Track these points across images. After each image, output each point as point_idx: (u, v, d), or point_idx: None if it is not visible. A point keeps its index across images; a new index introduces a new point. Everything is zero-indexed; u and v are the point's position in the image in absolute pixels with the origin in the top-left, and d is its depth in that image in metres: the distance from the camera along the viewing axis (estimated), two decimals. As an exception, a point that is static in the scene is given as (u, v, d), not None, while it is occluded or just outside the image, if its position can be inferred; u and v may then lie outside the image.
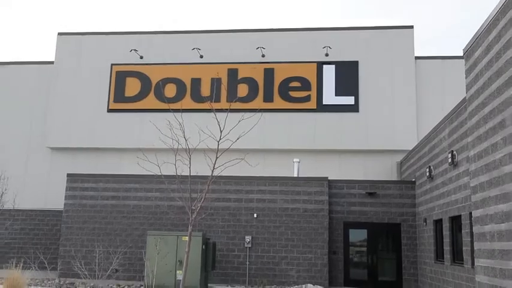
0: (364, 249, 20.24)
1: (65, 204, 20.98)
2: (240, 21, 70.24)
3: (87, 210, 20.76)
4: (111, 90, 26.10)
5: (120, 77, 26.25)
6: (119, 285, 17.74)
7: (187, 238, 10.63)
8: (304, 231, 19.46)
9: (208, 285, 18.12)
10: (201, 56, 25.85)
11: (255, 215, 19.76)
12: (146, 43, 26.45)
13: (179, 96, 25.27)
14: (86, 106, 25.95)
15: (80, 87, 26.25)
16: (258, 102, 24.66)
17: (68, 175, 21.45)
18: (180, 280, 10.50)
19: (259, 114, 15.60)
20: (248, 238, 19.56)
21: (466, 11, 63.13)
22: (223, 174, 12.45)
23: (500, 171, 10.02)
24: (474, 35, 11.62)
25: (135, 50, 26.02)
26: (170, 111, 12.13)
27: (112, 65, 26.37)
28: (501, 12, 10.07)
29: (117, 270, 17.66)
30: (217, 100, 23.65)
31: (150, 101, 25.63)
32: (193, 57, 25.91)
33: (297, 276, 19.15)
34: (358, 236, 20.23)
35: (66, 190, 21.17)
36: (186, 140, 10.68)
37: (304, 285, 18.28)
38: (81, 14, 69.22)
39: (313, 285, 18.52)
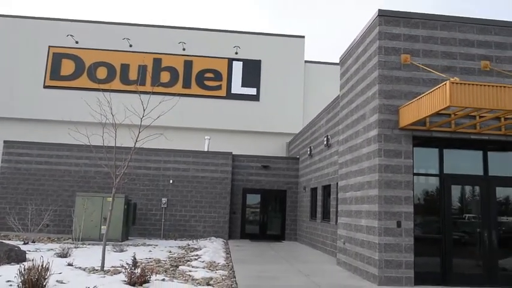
0: (258, 210, 20.84)
1: (1, 167, 19.39)
2: (166, 17, 67.98)
3: (22, 173, 19.34)
4: (48, 69, 24.39)
5: (56, 58, 24.53)
6: (49, 238, 16.82)
7: (111, 199, 10.33)
8: (211, 195, 19.66)
9: (129, 238, 17.80)
10: (130, 45, 24.82)
11: (171, 181, 19.60)
12: (82, 30, 24.80)
13: (109, 78, 24.16)
14: (24, 81, 24.06)
15: (19, 64, 24.23)
16: (178, 88, 24.32)
17: (5, 142, 19.82)
18: (104, 234, 10.21)
19: (178, 98, 15.32)
20: (164, 200, 19.37)
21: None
22: (145, 146, 12.25)
23: (359, 152, 10.76)
24: (348, 47, 12.23)
25: (71, 35, 24.39)
26: (100, 91, 11.57)
27: (49, 46, 24.54)
28: (367, 32, 10.70)
29: (48, 225, 16.71)
30: (143, 84, 22.94)
31: (83, 80, 24.23)
32: (123, 46, 24.81)
33: (203, 231, 19.36)
34: (253, 199, 20.78)
35: (2, 155, 19.58)
36: (113, 115, 10.32)
37: (209, 238, 18.53)
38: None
39: (216, 237, 18.85)
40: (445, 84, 7.67)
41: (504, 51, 10.14)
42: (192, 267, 10.87)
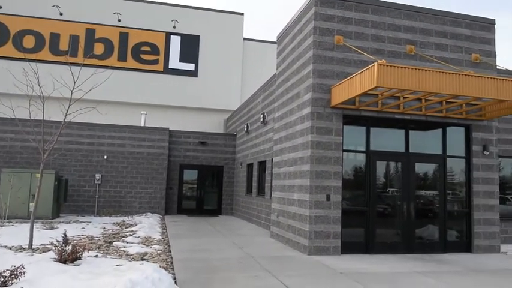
0: (195, 185, 20.78)
1: None
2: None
3: None
4: (-34, 35, 22.15)
5: (-24, 23, 22.33)
6: (-29, 216, 15.63)
7: (39, 175, 9.76)
8: (147, 171, 19.25)
9: (60, 215, 17.03)
10: (61, 14, 23.19)
11: (105, 157, 18.88)
12: (5, -6, 22.75)
13: (38, 48, 22.53)
14: None
15: None
16: (113, 60, 23.27)
17: None
18: (32, 211, 9.66)
19: (111, 71, 14.64)
20: (98, 176, 18.67)
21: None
22: (78, 120, 11.64)
23: (293, 129, 11.00)
24: (285, 26, 12.29)
25: (-7, -1, 22.29)
26: (27, 61, 10.75)
27: (-33, 10, 22.28)
28: (303, 12, 10.81)
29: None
30: (74, 55, 21.66)
31: (8, 49, 22.37)
32: (53, 14, 23.14)
33: (139, 207, 19.00)
34: (190, 175, 20.65)
35: None
36: (40, 87, 9.64)
37: (145, 214, 18.23)
38: None
39: (152, 213, 18.60)
40: (373, 66, 8.00)
41: (428, 37, 10.74)
42: (127, 243, 10.67)
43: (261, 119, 15.70)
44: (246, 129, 18.36)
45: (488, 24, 11.29)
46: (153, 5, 24.84)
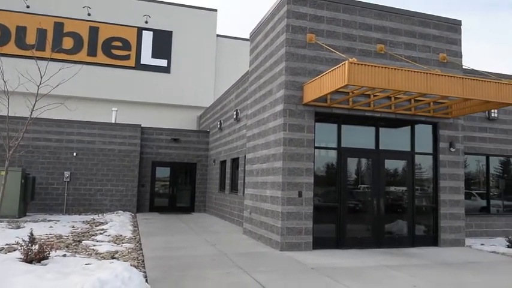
0: (167, 183, 20.56)
1: None
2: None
3: None
4: None
5: None
6: None
7: (4, 172, 9.43)
8: (118, 168, 18.91)
9: (28, 214, 16.50)
10: (28, 6, 22.42)
11: (75, 154, 18.42)
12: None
13: (3, 41, 21.72)
14: None
15: None
16: (82, 55, 22.74)
17: None
18: (-4, 209, 9.34)
19: (80, 65, 14.30)
20: (67, 173, 18.20)
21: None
22: (46, 116, 11.32)
23: (266, 126, 11.04)
24: (258, 24, 12.30)
25: (-46, -11, 21.33)
26: (-10, 55, 10.37)
27: None
28: (276, 9, 10.84)
29: None
30: (42, 49, 20.98)
31: (-30, 42, 21.48)
32: (19, 6, 22.34)
33: (110, 205, 18.65)
34: (163, 172, 20.42)
35: None
36: (5, 82, 9.30)
37: (116, 212, 17.92)
38: None
39: (124, 211, 18.30)
40: (344, 64, 8.11)
41: (397, 37, 10.96)
42: (97, 241, 10.47)
43: (234, 116, 15.67)
44: (219, 126, 18.30)
45: (455, 25, 11.63)
46: (125, -1, 24.39)
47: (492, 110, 13.40)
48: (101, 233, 11.80)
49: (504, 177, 14.10)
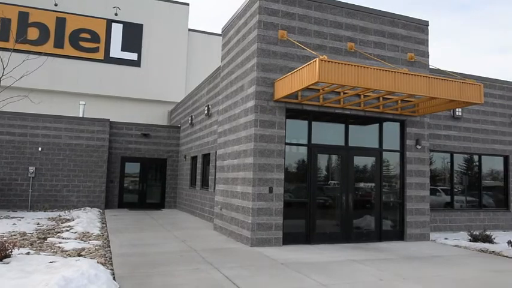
0: (137, 178, 20.24)
1: None
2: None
3: None
4: None
5: None
6: None
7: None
8: (86, 163, 18.47)
9: (-11, 210, 15.94)
10: (-10, -6, 21.50)
11: (40, 149, 17.86)
12: None
13: (-38, 30, 20.76)
14: None
15: None
16: (49, 47, 22.01)
17: None
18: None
19: (46, 57, 13.84)
20: (32, 169, 17.64)
21: (232, -1, 65.48)
22: (9, 110, 10.92)
23: (237, 122, 11.03)
24: (230, 19, 12.24)
25: None
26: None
27: None
28: (248, 5, 10.82)
29: None
30: (6, 40, 20.24)
31: None
32: (-20, -6, 21.40)
33: (77, 201, 18.21)
34: (132, 168, 20.09)
35: None
36: (-37, 73, 8.91)
37: (83, 208, 17.52)
38: None
39: (92, 207, 17.92)
40: (315, 61, 8.19)
41: (367, 36, 11.15)
42: (63, 238, 10.21)
43: (206, 112, 15.57)
44: (190, 121, 18.14)
45: (422, 26, 11.93)
46: (93, -10, 23.76)
47: (457, 109, 13.85)
48: (67, 230, 11.51)
49: (467, 174, 14.63)
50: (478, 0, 71.58)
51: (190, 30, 25.69)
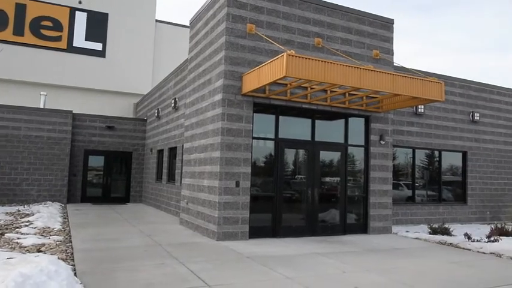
0: (101, 172, 19.76)
1: None
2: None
3: None
4: None
5: None
6: None
7: None
8: (47, 156, 17.86)
9: None
10: None
11: (-3, 140, 17.14)
12: None
13: None
14: None
15: None
16: (7, 34, 21.09)
17: None
18: None
19: (3, 45, 13.24)
20: (-12, 161, 16.91)
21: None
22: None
23: (204, 116, 10.95)
24: (198, 10, 12.09)
25: None
26: None
27: None
28: (216, -4, 10.67)
29: None
30: (-40, 25, 19.24)
31: None
32: None
33: (38, 195, 17.60)
34: (96, 161, 19.58)
35: None
36: None
37: (44, 203, 16.96)
38: None
39: (53, 202, 17.37)
40: (283, 56, 8.22)
41: (334, 32, 11.29)
42: (22, 234, 9.86)
43: (173, 105, 15.37)
44: (156, 114, 17.86)
45: (388, 24, 12.19)
46: (56, -24, 22.90)
47: (419, 106, 14.28)
48: (26, 225, 11.13)
49: (429, 169, 15.14)
50: (443, 1, 73.91)
51: (157, 21, 25.25)
